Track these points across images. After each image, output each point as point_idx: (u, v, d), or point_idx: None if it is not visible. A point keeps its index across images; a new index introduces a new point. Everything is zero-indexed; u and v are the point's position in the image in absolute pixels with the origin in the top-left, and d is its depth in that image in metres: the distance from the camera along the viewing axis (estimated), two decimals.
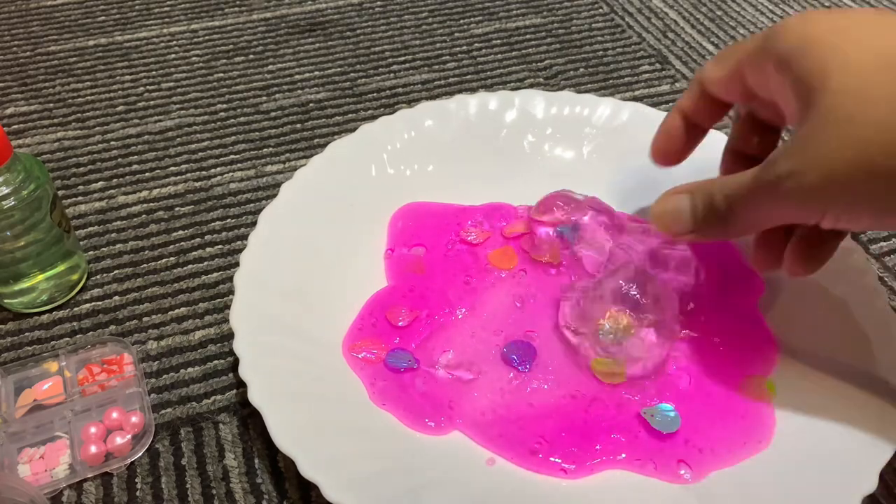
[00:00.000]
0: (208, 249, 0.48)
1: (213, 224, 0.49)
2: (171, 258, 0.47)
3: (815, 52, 0.28)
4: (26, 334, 0.43)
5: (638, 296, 0.38)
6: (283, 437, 0.33)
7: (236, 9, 0.69)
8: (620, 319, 0.38)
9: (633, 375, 0.38)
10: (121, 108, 0.58)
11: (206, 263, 0.47)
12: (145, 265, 0.47)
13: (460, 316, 0.41)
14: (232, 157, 0.54)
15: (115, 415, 0.38)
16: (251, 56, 0.64)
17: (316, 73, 0.62)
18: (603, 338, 0.38)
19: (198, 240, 0.48)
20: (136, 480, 0.37)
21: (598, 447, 0.36)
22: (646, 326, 0.38)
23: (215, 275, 0.46)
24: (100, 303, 0.44)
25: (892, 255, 0.48)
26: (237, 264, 0.40)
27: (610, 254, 0.42)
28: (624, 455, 0.36)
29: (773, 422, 0.36)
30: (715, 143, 0.49)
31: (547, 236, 0.44)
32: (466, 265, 0.44)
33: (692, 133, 0.39)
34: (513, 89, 0.59)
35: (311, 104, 0.59)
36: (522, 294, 0.42)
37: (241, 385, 0.38)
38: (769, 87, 0.32)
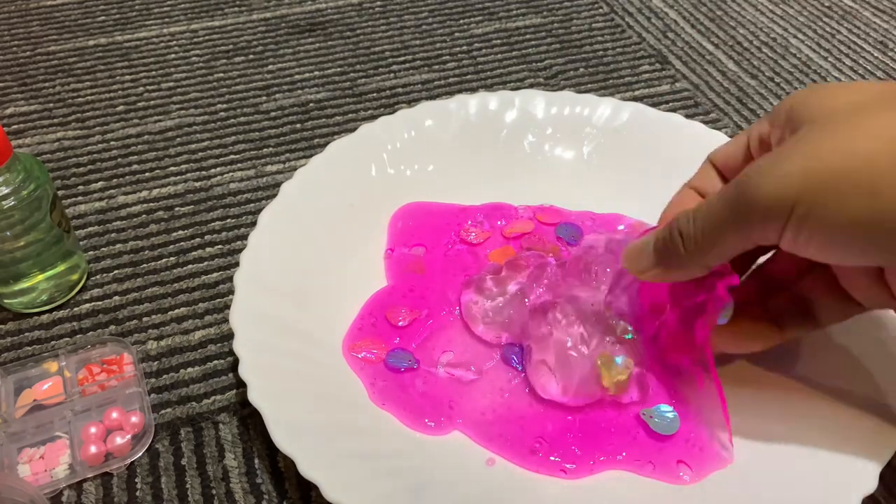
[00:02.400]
0: (208, 249, 0.48)
1: (213, 224, 0.49)
2: (171, 258, 0.47)
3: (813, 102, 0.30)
4: (26, 334, 0.43)
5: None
6: (283, 437, 0.33)
7: (236, 9, 0.69)
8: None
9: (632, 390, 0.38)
10: (121, 108, 0.58)
11: (206, 263, 0.47)
12: (145, 265, 0.47)
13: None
14: (232, 157, 0.54)
15: (114, 415, 0.38)
16: (251, 56, 0.64)
17: (316, 73, 0.62)
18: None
19: (198, 240, 0.48)
20: (136, 480, 0.37)
21: (598, 447, 0.36)
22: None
23: (215, 275, 0.46)
24: (100, 303, 0.44)
25: None
26: (237, 264, 0.40)
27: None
28: (624, 454, 0.36)
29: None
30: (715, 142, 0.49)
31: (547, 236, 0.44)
32: (466, 265, 0.44)
33: None
34: (513, 89, 0.59)
35: (311, 104, 0.59)
36: None
37: (241, 385, 0.38)
38: (770, 145, 0.32)
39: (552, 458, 0.35)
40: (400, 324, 0.40)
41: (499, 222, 0.46)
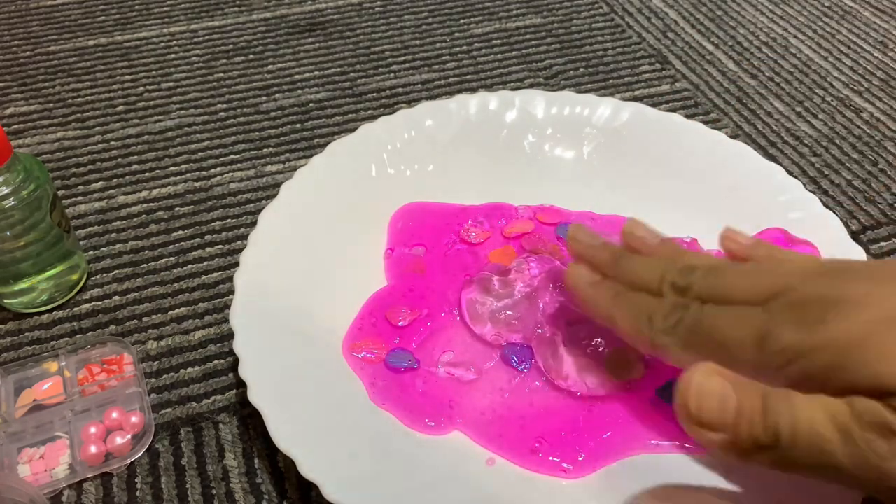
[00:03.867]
0: (208, 249, 0.48)
1: (213, 224, 0.49)
2: (171, 258, 0.47)
3: None
4: (26, 334, 0.43)
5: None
6: (283, 437, 0.33)
7: (236, 9, 0.69)
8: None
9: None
10: (121, 108, 0.58)
11: (206, 263, 0.47)
12: (145, 265, 0.47)
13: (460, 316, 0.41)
14: (232, 157, 0.54)
15: (115, 415, 0.38)
16: (251, 56, 0.64)
17: (316, 73, 0.62)
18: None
19: (198, 240, 0.48)
20: (136, 480, 0.37)
21: (601, 444, 0.36)
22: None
23: (215, 275, 0.46)
24: (100, 303, 0.44)
25: (892, 255, 0.48)
26: (237, 264, 0.40)
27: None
28: (635, 442, 0.36)
29: None
30: (721, 146, 0.49)
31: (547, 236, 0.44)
32: (466, 265, 0.44)
33: None
34: (513, 89, 0.59)
35: (311, 104, 0.59)
36: None
37: (241, 385, 0.38)
38: None
39: (552, 458, 0.35)
40: (400, 324, 0.40)
41: (499, 222, 0.46)
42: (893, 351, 0.26)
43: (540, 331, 0.39)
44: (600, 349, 0.37)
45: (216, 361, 0.42)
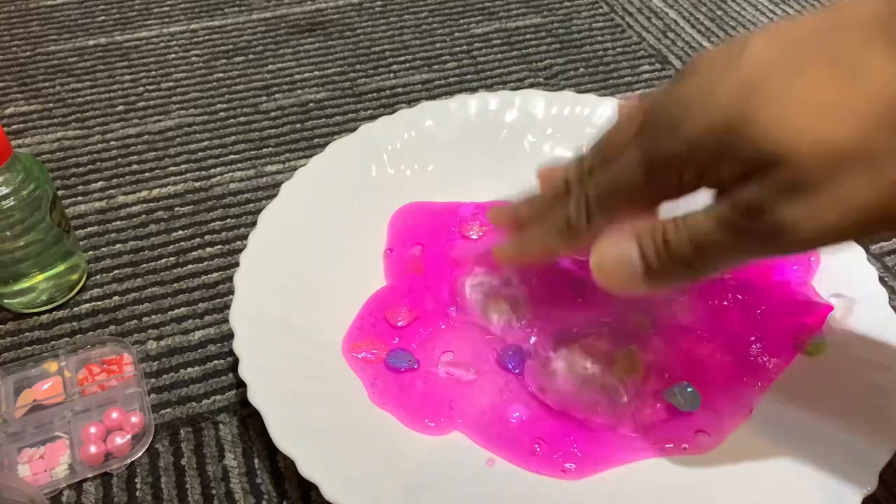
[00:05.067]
0: (208, 249, 0.48)
1: (213, 224, 0.49)
2: (171, 258, 0.47)
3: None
4: (26, 334, 0.43)
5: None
6: (283, 437, 0.33)
7: (236, 9, 0.69)
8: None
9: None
10: (121, 108, 0.58)
11: (206, 263, 0.47)
12: (145, 265, 0.47)
13: None
14: (232, 157, 0.54)
15: (114, 415, 0.38)
16: (251, 56, 0.64)
17: (316, 73, 0.62)
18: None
19: (198, 240, 0.48)
20: (136, 480, 0.37)
21: (601, 445, 0.36)
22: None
23: (215, 275, 0.46)
24: (99, 303, 0.44)
25: (892, 256, 0.48)
26: (237, 264, 0.40)
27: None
28: (637, 444, 0.36)
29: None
30: None
31: None
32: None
33: None
34: (513, 89, 0.59)
35: (311, 104, 0.59)
36: None
37: (241, 385, 0.38)
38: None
39: (553, 459, 0.35)
40: (399, 324, 0.40)
41: None
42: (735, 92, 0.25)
43: (533, 339, 0.39)
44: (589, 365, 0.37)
45: (216, 361, 0.42)
